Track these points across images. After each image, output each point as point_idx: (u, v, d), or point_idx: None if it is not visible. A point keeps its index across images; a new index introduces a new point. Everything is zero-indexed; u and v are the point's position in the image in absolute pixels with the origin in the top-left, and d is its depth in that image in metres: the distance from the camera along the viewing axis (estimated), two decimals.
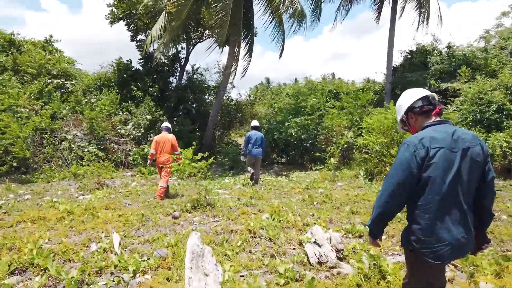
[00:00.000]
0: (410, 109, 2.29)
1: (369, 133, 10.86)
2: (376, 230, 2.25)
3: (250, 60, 15.70)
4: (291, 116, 15.35)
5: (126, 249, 4.73)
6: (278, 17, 14.94)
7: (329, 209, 6.73)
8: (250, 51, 15.58)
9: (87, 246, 4.87)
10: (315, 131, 14.38)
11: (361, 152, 11.11)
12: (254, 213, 6.46)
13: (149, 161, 8.49)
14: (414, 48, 19.61)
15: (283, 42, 15.87)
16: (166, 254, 4.44)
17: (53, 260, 4.12)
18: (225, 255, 4.46)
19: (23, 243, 4.64)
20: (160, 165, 8.24)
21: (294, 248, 4.71)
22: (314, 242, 4.47)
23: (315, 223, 5.72)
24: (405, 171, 2.02)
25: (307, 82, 25.49)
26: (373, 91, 18.77)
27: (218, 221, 6.16)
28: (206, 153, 7.54)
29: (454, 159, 1.98)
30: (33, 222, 5.94)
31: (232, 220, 6.13)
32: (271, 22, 15.06)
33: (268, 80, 46.72)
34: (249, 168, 9.93)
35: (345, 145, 11.84)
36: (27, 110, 12.21)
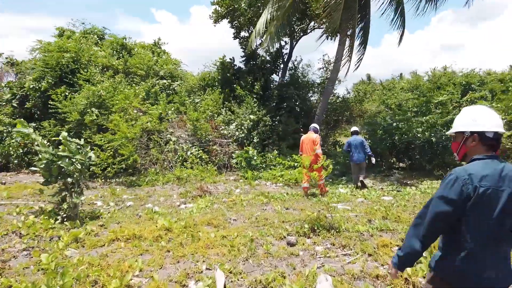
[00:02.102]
0: (481, 134, 2.01)
1: None
2: (407, 263, 2.12)
3: (365, 51, 13.63)
4: (413, 114, 12.91)
5: None
6: None
7: None
8: (365, 40, 13.51)
9: (184, 286, 3.72)
10: (445, 131, 11.76)
11: None
12: (398, 245, 4.69)
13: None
14: None
15: (404, 26, 13.46)
16: None
17: None
18: None
19: (109, 278, 3.67)
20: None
21: None
22: None
23: None
24: (449, 205, 1.91)
25: (415, 77, 22.26)
26: None
27: (349, 254, 4.56)
28: (327, 161, 6.00)
29: (500, 197, 1.86)
30: (127, 241, 5.09)
31: (370, 255, 4.48)
32: (390, 2, 12.81)
33: (369, 76, 43.10)
34: (354, 176, 9.85)
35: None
36: (135, 111, 12.17)
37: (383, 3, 13.04)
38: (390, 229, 5.45)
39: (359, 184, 9.60)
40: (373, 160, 10.02)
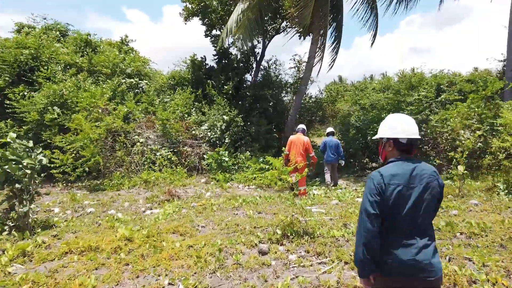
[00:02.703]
0: (395, 140, 2.30)
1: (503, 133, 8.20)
2: (364, 271, 2.19)
3: (338, 50, 13.51)
4: (386, 113, 12.87)
5: None
6: None
7: (491, 249, 4.45)
8: (338, 39, 13.40)
9: None
10: (420, 132, 11.80)
11: (495, 158, 8.38)
12: None
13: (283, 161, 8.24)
14: None
15: (376, 27, 13.44)
16: None
17: None
18: None
19: None
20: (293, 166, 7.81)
21: None
22: None
23: (488, 279, 3.56)
24: (372, 204, 2.12)
25: (386, 78, 22.49)
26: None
27: (325, 263, 4.25)
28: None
29: (411, 194, 2.13)
30: (81, 254, 4.59)
31: (346, 263, 4.19)
32: (362, 1, 12.73)
33: (340, 78, 43.51)
34: (327, 175, 10.03)
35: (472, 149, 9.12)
36: (100, 110, 11.49)
37: (356, 2, 12.97)
38: None
39: (331, 184, 9.88)
40: (343, 162, 10.37)
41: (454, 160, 7.82)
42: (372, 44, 13.76)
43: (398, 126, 2.31)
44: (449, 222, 5.36)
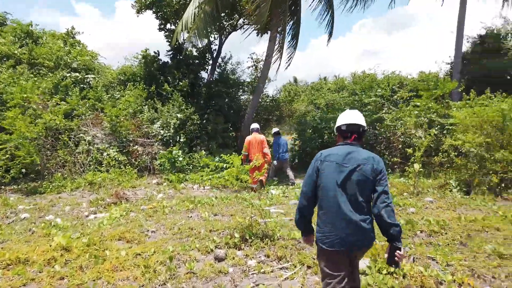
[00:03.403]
0: (337, 129, 2.73)
1: (456, 131, 8.43)
2: (300, 229, 2.71)
3: (296, 47, 13.38)
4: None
5: None
6: None
7: (452, 247, 4.38)
8: (296, 36, 13.26)
9: None
10: (374, 131, 11.98)
11: (448, 156, 8.57)
12: None
13: (243, 162, 8.63)
14: (482, 33, 16.67)
15: (332, 25, 13.50)
16: None
17: None
18: None
19: None
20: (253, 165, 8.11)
21: None
22: None
23: (454, 280, 3.42)
24: (310, 176, 2.55)
25: (339, 79, 22.95)
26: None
27: (286, 268, 3.95)
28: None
29: (342, 171, 2.41)
30: (7, 268, 3.94)
31: (309, 267, 3.91)
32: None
33: (295, 79, 43.96)
34: (290, 174, 10.10)
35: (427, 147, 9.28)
36: (40, 107, 10.47)
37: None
38: None
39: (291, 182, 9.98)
40: (275, 162, 10.33)
41: (412, 158, 7.87)
42: (328, 42, 13.82)
43: (341, 117, 2.72)
44: (409, 220, 5.28)
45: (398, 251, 2.34)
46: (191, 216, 6.31)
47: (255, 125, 9.51)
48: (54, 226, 5.65)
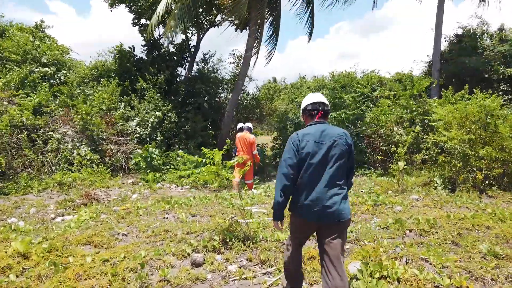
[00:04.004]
0: (303, 110, 2.94)
1: (438, 128, 8.33)
2: (277, 213, 2.71)
3: (276, 42, 13.08)
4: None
5: None
6: None
7: (444, 247, 4.15)
8: (276, 32, 12.96)
9: None
10: (355, 129, 11.84)
11: (430, 153, 8.46)
12: None
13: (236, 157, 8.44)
14: (459, 32, 16.84)
15: (312, 23, 13.28)
16: None
17: None
18: None
19: None
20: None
21: None
22: None
23: (452, 283, 3.17)
24: (291, 157, 2.61)
25: (320, 79, 22.89)
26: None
27: (270, 273, 3.62)
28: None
29: (321, 148, 2.58)
30: None
31: None
32: None
33: (275, 79, 43.83)
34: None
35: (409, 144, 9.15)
36: (5, 102, 9.78)
37: None
38: (314, 236, 4.68)
39: None
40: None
41: (396, 155, 7.69)
42: (309, 39, 13.59)
43: (305, 99, 2.93)
44: (397, 219, 5.04)
45: None
46: (167, 218, 5.90)
47: (247, 124, 9.13)
48: (14, 230, 5.13)
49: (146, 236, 4.83)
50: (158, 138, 11.92)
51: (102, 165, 10.00)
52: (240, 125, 9.37)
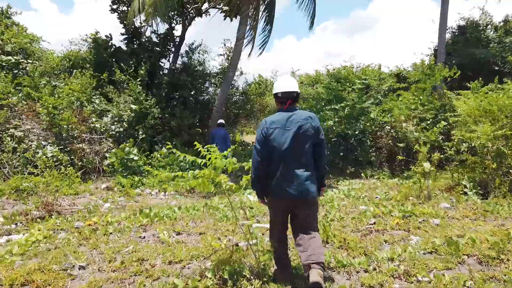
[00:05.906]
0: (275, 95, 3.15)
1: (463, 124, 7.23)
2: (258, 191, 3.11)
3: (271, 29, 11.82)
4: (325, 103, 11.52)
5: None
6: None
7: None
8: (270, 19, 11.71)
9: None
10: (359, 125, 10.66)
11: (458, 152, 7.26)
12: None
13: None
14: (462, 23, 15.92)
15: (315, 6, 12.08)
16: None
17: None
18: None
19: None
20: None
21: None
22: None
23: None
24: (260, 143, 2.95)
25: (316, 73, 21.84)
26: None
27: None
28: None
29: (287, 134, 2.89)
30: None
31: None
32: None
33: (260, 77, 42.81)
34: None
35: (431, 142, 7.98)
36: None
37: None
38: (344, 265, 3.43)
39: None
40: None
41: (420, 154, 6.52)
42: (310, 27, 12.40)
43: (277, 85, 3.16)
44: (449, 240, 3.83)
45: (323, 187, 3.21)
46: (144, 237, 4.57)
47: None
48: None
49: (112, 269, 3.49)
50: (140, 136, 10.56)
51: (71, 167, 8.55)
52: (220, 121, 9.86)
